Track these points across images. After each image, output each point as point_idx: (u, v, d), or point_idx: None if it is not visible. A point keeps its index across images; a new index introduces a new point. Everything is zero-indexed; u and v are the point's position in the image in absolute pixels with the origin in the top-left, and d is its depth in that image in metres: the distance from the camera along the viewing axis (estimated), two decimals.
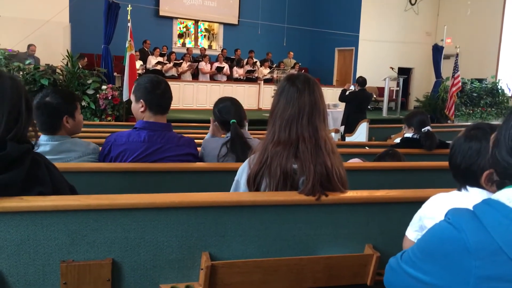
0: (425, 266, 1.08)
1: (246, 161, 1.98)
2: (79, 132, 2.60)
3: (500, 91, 15.05)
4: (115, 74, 10.40)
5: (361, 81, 8.93)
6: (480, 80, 15.00)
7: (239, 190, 1.98)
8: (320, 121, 1.88)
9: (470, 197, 1.50)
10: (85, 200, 1.62)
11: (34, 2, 11.79)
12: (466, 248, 0.98)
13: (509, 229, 0.95)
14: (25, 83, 8.00)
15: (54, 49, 11.33)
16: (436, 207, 1.57)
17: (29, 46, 10.96)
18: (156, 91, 2.53)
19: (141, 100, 2.55)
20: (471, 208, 1.06)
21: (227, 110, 2.82)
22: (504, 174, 1.06)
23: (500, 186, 1.06)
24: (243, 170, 1.98)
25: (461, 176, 1.56)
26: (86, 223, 1.62)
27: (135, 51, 9.95)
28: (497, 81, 15.35)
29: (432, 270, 1.06)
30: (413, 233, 1.67)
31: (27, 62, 9.25)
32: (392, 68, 14.63)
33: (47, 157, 1.74)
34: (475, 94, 14.46)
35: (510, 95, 15.66)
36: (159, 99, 2.55)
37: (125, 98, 8.69)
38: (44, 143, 2.35)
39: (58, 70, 9.03)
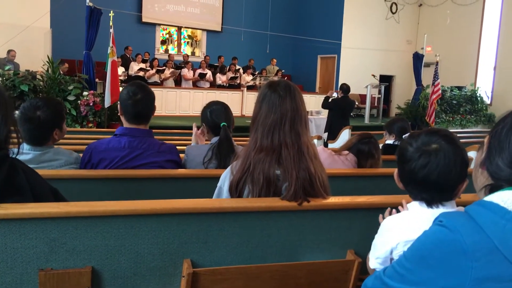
0: (415, 277, 1.06)
1: (229, 168, 1.97)
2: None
3: (479, 98, 15.36)
4: (96, 80, 10.30)
5: (345, 89, 8.99)
6: (459, 88, 15.29)
7: (221, 197, 1.97)
8: (302, 127, 1.89)
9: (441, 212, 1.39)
10: (64, 208, 1.59)
11: (15, 7, 11.62)
12: (462, 249, 0.97)
13: (506, 229, 0.95)
14: (4, 89, 7.85)
15: (34, 54, 11.18)
16: (411, 232, 1.42)
17: (9, 51, 10.78)
18: (128, 101, 2.51)
19: (119, 106, 2.57)
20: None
21: (219, 113, 2.78)
22: (502, 180, 1.05)
23: (492, 190, 1.06)
24: (225, 177, 1.98)
25: (438, 191, 1.43)
26: (66, 231, 1.60)
27: (117, 57, 9.88)
28: (476, 89, 15.68)
29: (425, 279, 1.04)
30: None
31: (7, 67, 9.10)
32: (374, 76, 14.81)
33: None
34: (454, 102, 14.72)
35: (488, 102, 15.99)
36: (131, 108, 2.52)
37: (106, 105, 8.61)
38: (26, 152, 2.32)
39: (38, 76, 8.91)
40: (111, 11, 8.99)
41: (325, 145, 8.08)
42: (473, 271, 0.95)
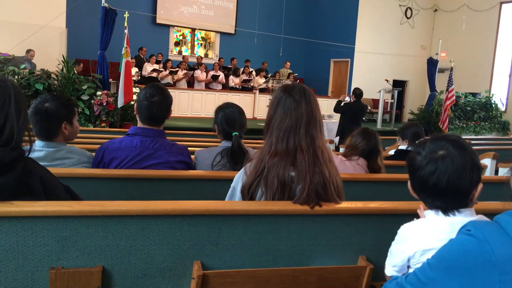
0: (439, 286, 1.03)
1: (243, 169, 1.97)
2: (74, 138, 2.58)
3: (493, 105, 15.18)
4: (110, 80, 10.36)
5: (358, 93, 8.93)
6: (474, 94, 15.13)
7: (235, 198, 1.97)
8: (316, 131, 1.88)
9: (459, 221, 1.35)
10: (77, 206, 1.60)
11: (31, 7, 11.77)
12: (491, 261, 0.94)
13: None
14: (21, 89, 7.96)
15: (50, 54, 11.29)
16: (428, 241, 1.40)
17: (28, 51, 10.91)
18: (144, 101, 2.53)
19: (136, 105, 2.58)
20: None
21: (232, 119, 2.76)
22: None
23: None
24: (239, 178, 1.97)
25: (451, 198, 1.39)
26: (77, 230, 1.60)
27: (131, 58, 9.94)
28: (490, 95, 15.49)
29: None
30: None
31: (22, 66, 9.21)
32: (387, 81, 14.71)
33: (41, 163, 1.71)
34: (469, 108, 14.57)
35: (503, 109, 15.80)
36: (145, 109, 2.54)
37: (119, 105, 8.66)
38: (39, 149, 2.33)
39: (53, 75, 9.00)
40: (126, 12, 9.05)
41: (337, 149, 8.05)
42: (501, 284, 0.91)
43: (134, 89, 9.07)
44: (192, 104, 12.91)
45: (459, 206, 1.40)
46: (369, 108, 13.62)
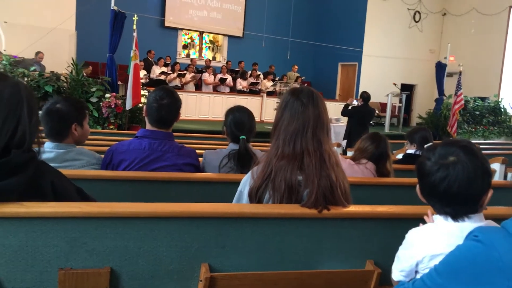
0: None
1: (249, 172, 1.97)
2: (84, 141, 2.61)
3: (502, 110, 15.08)
4: (119, 83, 10.41)
5: (366, 97, 8.91)
6: (482, 99, 15.03)
7: (242, 201, 1.97)
8: (323, 134, 1.88)
9: (468, 226, 1.34)
10: (86, 208, 1.61)
11: (41, 10, 11.85)
12: (498, 267, 0.94)
13: None
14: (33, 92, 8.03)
15: (59, 56, 11.37)
16: (437, 246, 1.39)
17: (37, 53, 11.00)
18: (154, 104, 2.56)
19: (145, 107, 2.60)
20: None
21: (240, 123, 2.78)
22: None
23: None
24: (246, 181, 1.97)
25: (461, 204, 1.39)
26: (86, 231, 1.61)
27: (140, 61, 9.98)
28: (499, 100, 15.38)
29: None
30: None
31: (32, 68, 9.29)
32: (395, 84, 14.65)
33: (50, 164, 1.72)
34: (477, 112, 14.48)
35: None
36: (155, 112, 2.56)
37: (128, 107, 8.69)
38: (49, 151, 2.36)
39: (62, 78, 9.06)
40: (135, 15, 9.09)
41: (344, 152, 8.03)
42: None
43: (142, 92, 9.10)
44: (200, 107, 12.94)
45: (468, 212, 1.39)
46: (376, 112, 13.57)
